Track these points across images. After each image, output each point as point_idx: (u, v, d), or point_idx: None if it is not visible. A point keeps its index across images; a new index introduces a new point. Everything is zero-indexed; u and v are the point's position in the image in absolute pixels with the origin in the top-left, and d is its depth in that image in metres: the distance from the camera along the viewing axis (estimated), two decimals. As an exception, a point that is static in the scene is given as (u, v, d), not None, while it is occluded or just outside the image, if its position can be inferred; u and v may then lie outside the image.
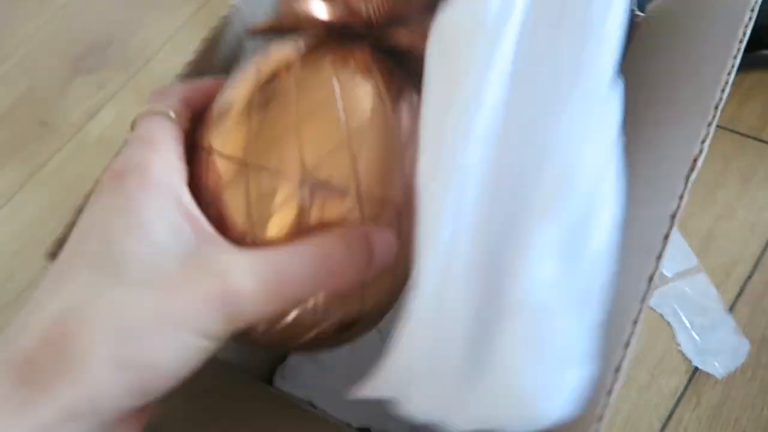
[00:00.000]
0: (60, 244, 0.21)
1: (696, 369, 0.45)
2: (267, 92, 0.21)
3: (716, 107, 0.22)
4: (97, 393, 0.16)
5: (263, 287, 0.18)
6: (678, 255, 0.48)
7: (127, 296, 0.17)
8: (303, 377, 0.45)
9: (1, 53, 0.72)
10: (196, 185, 0.21)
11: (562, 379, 0.16)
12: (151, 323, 0.16)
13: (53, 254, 0.22)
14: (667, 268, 0.48)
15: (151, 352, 0.17)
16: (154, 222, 0.18)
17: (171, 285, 0.17)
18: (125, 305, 0.17)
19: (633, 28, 0.37)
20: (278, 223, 0.20)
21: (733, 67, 0.23)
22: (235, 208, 0.20)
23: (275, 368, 0.46)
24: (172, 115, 0.21)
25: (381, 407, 0.21)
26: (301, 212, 0.20)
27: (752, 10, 0.24)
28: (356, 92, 0.21)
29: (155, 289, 0.17)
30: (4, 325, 0.17)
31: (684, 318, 0.46)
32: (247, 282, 0.18)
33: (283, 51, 0.23)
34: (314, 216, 0.20)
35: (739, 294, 0.46)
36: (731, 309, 0.46)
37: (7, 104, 0.68)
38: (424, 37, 0.19)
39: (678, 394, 0.44)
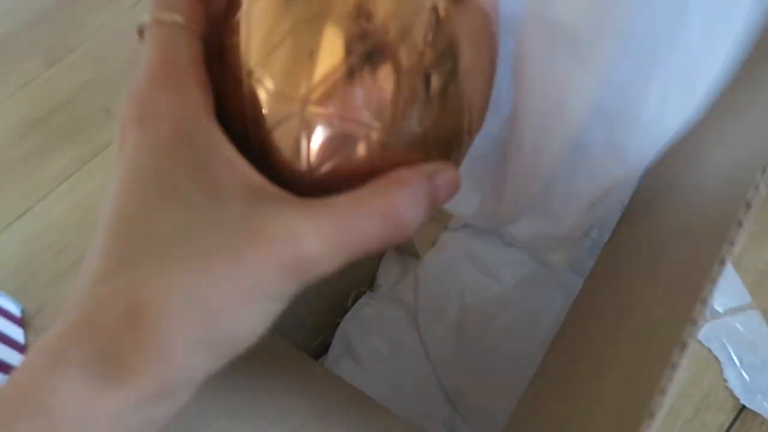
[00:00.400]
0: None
1: (743, 407, 0.44)
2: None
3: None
4: (186, 369, 0.16)
5: (333, 248, 0.17)
6: (731, 290, 0.47)
7: (200, 273, 0.16)
8: (339, 373, 0.45)
9: (71, 42, 0.75)
10: (224, 112, 0.18)
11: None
12: (228, 297, 0.16)
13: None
14: (719, 303, 0.47)
15: (232, 325, 0.17)
16: (194, 183, 0.17)
17: (242, 255, 0.16)
18: (200, 281, 0.16)
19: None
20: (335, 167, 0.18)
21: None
22: (285, 148, 0.18)
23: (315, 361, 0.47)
24: (190, 24, 0.19)
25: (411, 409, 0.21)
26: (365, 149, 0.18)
27: None
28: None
29: (227, 261, 0.16)
30: (57, 294, 0.17)
31: (733, 355, 0.45)
32: (317, 245, 0.17)
33: None
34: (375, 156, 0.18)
35: (792, 335, 0.46)
36: (783, 350, 0.45)
37: (73, 89, 0.71)
38: None
39: (723, 431, 0.43)
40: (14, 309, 0.56)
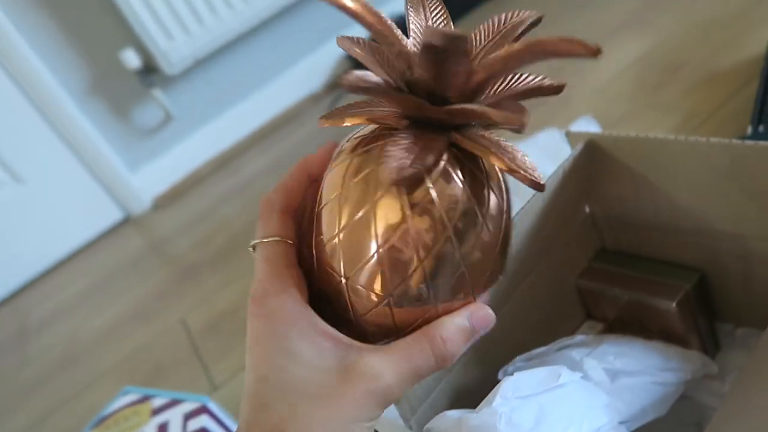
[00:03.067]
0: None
1: None
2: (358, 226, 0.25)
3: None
4: None
5: (404, 379, 0.25)
6: None
7: (311, 412, 0.23)
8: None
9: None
10: (316, 288, 0.27)
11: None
12: (337, 422, 0.23)
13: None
14: None
15: None
16: (304, 351, 0.25)
17: (343, 391, 0.24)
18: (314, 420, 0.23)
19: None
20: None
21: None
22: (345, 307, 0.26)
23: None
24: (284, 239, 0.27)
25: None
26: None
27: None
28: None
29: (333, 396, 0.24)
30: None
31: None
32: (393, 378, 0.25)
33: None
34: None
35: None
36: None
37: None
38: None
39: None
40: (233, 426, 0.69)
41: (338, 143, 0.28)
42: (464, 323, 0.26)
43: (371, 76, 0.23)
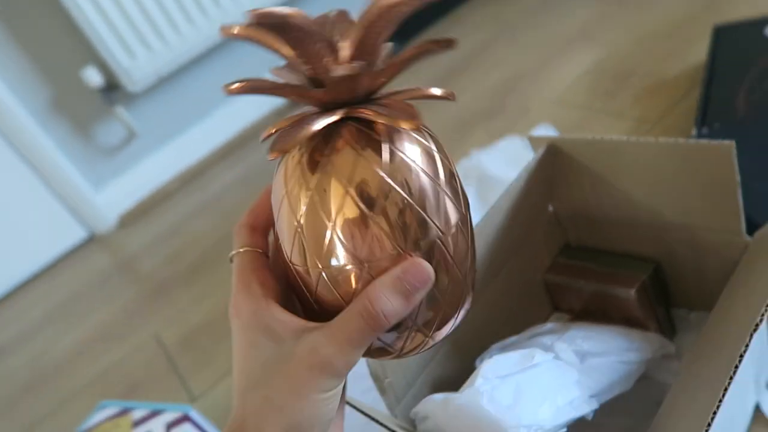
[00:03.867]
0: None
1: None
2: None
3: None
4: None
5: (342, 347, 0.26)
6: None
7: (269, 388, 0.27)
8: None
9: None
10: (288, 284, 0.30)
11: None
12: (291, 398, 0.26)
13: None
14: None
15: (297, 415, 0.27)
16: (265, 344, 0.28)
17: (291, 370, 0.26)
18: (272, 394, 0.27)
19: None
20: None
21: None
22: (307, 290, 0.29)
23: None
24: (254, 248, 0.31)
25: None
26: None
27: None
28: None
29: (280, 377, 0.27)
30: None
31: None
32: (331, 349, 0.26)
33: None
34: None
35: None
36: None
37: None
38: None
39: None
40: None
41: None
42: (391, 280, 0.26)
43: (253, 78, 0.27)
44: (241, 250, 0.31)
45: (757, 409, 0.53)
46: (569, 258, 0.62)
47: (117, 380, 0.98)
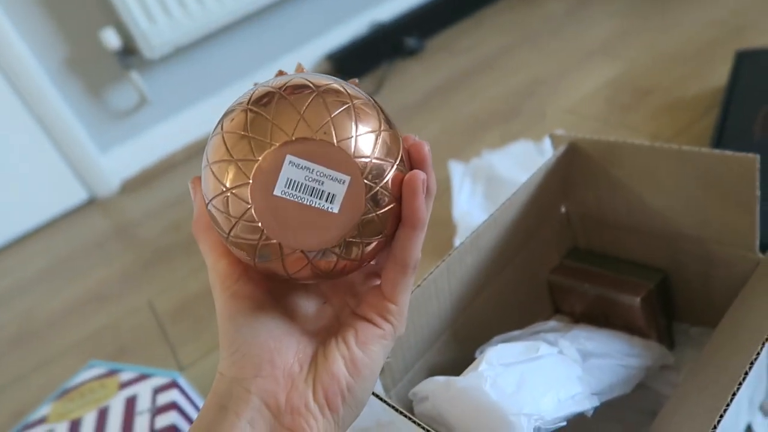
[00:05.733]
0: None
1: None
2: None
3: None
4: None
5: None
6: None
7: (268, 367, 0.28)
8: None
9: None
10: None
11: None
12: (288, 366, 0.28)
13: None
14: None
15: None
16: (263, 320, 0.29)
17: (287, 339, 0.29)
18: (274, 372, 0.28)
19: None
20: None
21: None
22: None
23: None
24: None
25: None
26: None
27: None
28: None
29: (279, 351, 0.28)
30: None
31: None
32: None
33: None
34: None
35: None
36: None
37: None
38: None
39: None
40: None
41: None
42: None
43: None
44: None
45: (748, 429, 0.53)
46: (576, 260, 0.62)
47: (106, 342, 0.98)
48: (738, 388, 0.34)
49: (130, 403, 0.69)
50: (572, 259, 0.62)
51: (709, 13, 1.28)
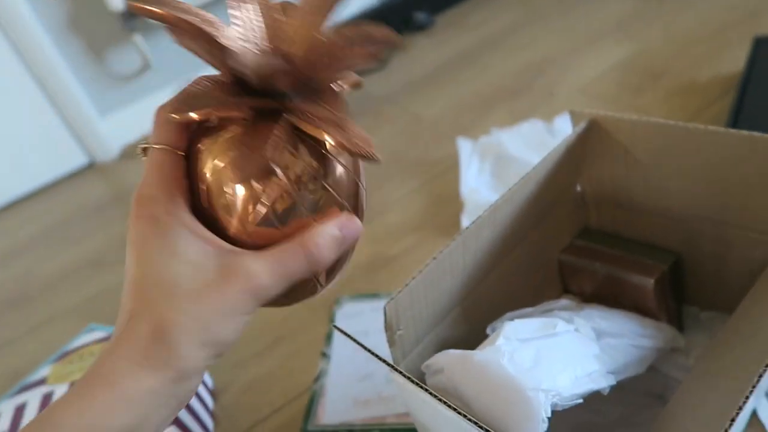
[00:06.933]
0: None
1: None
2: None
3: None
4: (194, 362, 0.27)
5: (278, 279, 0.28)
6: None
7: (197, 303, 0.26)
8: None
9: None
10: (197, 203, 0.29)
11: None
12: (217, 316, 0.27)
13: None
14: None
15: (221, 333, 0.27)
16: (189, 252, 0.27)
17: (223, 289, 0.27)
18: (200, 310, 0.26)
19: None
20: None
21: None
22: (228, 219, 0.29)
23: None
24: (175, 150, 0.29)
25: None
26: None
27: None
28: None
29: (215, 294, 0.27)
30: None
31: None
32: (268, 278, 0.27)
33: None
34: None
35: None
36: None
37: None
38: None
39: None
40: (209, 381, 0.72)
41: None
42: (335, 232, 0.29)
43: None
44: (164, 147, 0.29)
45: (753, 415, 0.53)
46: (587, 240, 0.61)
47: (102, 307, 0.97)
48: (760, 376, 0.34)
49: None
50: (584, 239, 0.61)
51: (725, -3, 1.26)
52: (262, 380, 0.75)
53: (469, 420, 0.32)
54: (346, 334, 0.40)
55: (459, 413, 0.32)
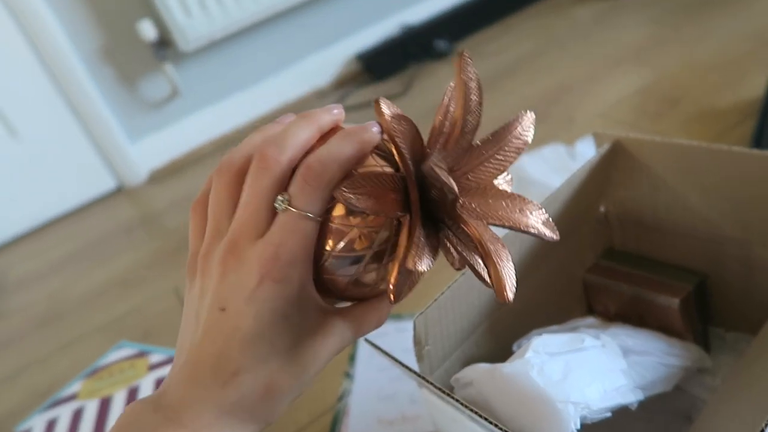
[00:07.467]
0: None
1: None
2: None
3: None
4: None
5: (356, 336, 0.31)
6: None
7: (299, 365, 0.29)
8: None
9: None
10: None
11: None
12: (310, 377, 0.30)
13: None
14: None
15: (307, 387, 0.30)
16: (307, 318, 0.29)
17: (320, 351, 0.29)
18: (299, 372, 0.29)
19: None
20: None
21: None
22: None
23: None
24: (317, 218, 0.28)
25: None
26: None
27: None
28: None
29: (309, 355, 0.29)
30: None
31: None
32: (350, 340, 0.31)
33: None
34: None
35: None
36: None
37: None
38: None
39: None
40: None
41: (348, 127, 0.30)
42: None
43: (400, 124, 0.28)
44: (313, 217, 0.28)
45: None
46: (612, 260, 0.62)
47: (132, 325, 0.99)
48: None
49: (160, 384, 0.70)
50: (608, 259, 0.62)
51: (743, 25, 1.27)
52: (288, 398, 0.76)
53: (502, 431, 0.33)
54: (379, 348, 0.41)
55: (491, 423, 0.33)
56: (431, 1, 1.68)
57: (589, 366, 0.39)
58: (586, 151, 1.00)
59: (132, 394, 0.70)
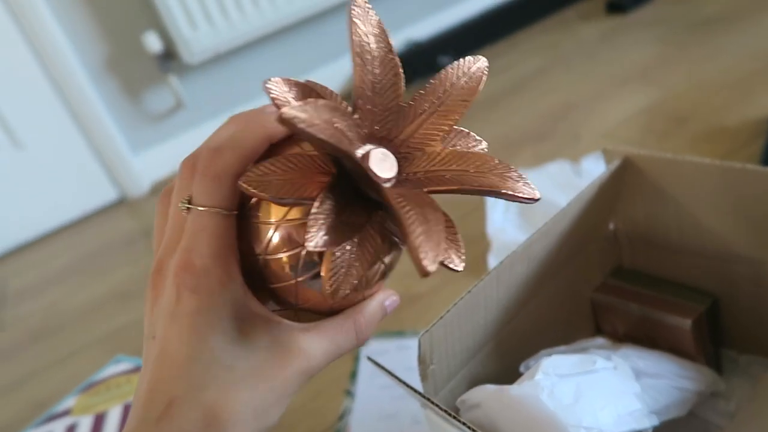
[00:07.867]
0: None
1: None
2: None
3: None
4: None
5: (329, 357, 0.27)
6: None
7: (251, 389, 0.24)
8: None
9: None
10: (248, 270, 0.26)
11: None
12: (271, 401, 0.25)
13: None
14: None
15: (271, 418, 0.25)
16: (242, 331, 0.25)
17: (276, 373, 0.25)
18: (253, 397, 0.24)
19: None
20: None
21: None
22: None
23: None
24: (230, 213, 0.25)
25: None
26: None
27: None
28: None
29: (267, 377, 0.25)
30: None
31: None
32: (321, 358, 0.26)
33: None
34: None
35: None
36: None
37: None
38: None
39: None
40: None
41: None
42: (382, 308, 0.29)
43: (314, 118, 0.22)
44: (218, 210, 0.25)
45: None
46: (621, 280, 0.60)
47: (130, 339, 0.97)
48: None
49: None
50: (617, 278, 0.61)
51: (751, 44, 1.27)
52: (288, 417, 0.73)
53: (510, 456, 0.31)
54: (381, 367, 0.39)
55: (499, 448, 0.32)
56: (437, 17, 1.68)
57: (601, 389, 0.37)
58: (593, 169, 0.99)
59: (127, 410, 0.69)
